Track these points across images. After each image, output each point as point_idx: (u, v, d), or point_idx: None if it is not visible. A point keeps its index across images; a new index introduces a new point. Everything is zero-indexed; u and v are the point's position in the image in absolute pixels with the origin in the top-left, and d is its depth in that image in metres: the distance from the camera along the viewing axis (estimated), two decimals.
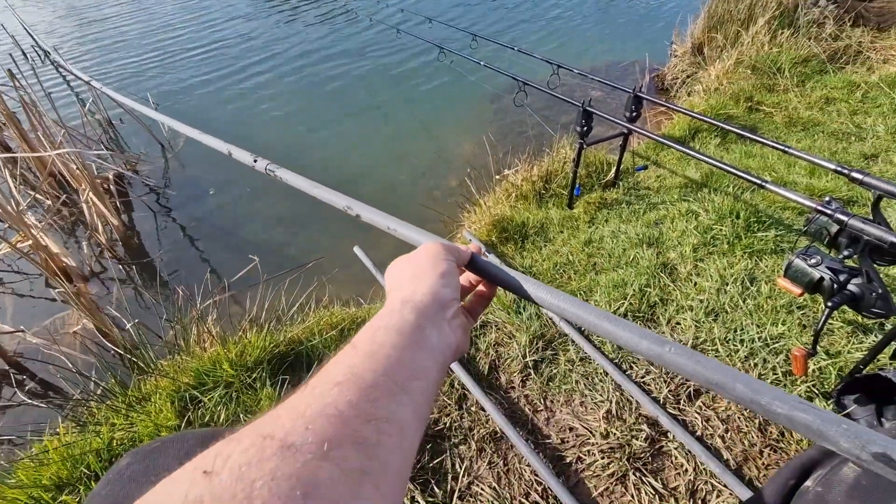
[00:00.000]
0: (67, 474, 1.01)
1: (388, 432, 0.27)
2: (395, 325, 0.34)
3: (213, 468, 0.22)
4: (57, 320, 2.02)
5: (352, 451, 0.25)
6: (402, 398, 0.30)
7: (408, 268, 0.43)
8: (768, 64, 2.96)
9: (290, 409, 0.26)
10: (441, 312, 0.38)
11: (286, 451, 0.23)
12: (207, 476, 0.22)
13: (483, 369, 1.31)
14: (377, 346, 0.32)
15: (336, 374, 0.29)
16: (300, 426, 0.25)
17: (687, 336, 1.32)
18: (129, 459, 0.45)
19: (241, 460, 0.22)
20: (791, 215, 1.79)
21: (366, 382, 0.29)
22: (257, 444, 0.23)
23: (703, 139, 2.42)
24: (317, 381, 0.29)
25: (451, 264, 0.43)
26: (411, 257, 0.44)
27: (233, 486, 0.21)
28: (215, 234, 2.48)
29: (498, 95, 3.48)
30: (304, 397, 0.27)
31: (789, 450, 1.07)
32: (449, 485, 1.06)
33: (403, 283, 0.41)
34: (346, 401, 0.27)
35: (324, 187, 0.76)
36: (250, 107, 3.71)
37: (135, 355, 1.38)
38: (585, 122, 1.68)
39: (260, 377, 1.26)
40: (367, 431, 0.26)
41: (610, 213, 1.92)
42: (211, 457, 0.23)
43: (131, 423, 1.14)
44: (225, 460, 0.22)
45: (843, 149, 2.28)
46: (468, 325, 0.45)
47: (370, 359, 0.31)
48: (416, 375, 0.32)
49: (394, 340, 0.33)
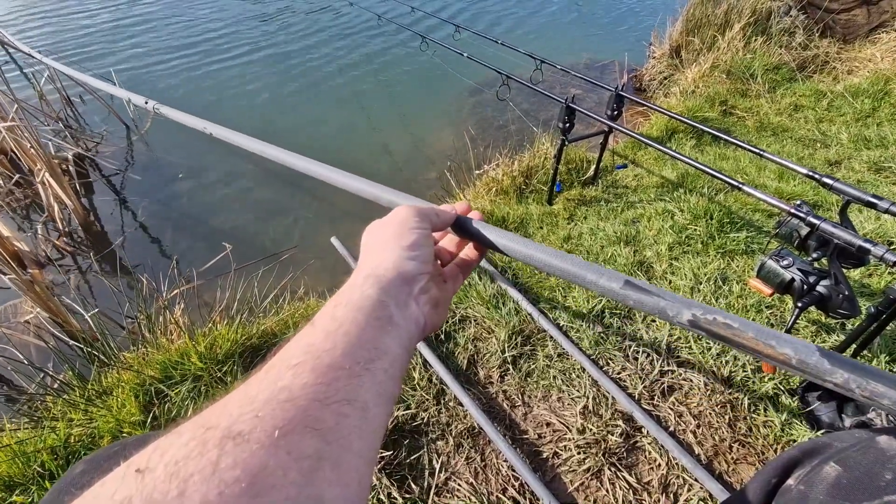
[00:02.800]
0: (19, 473, 0.95)
1: (347, 414, 0.26)
2: (356, 301, 0.32)
3: (148, 465, 0.20)
4: (8, 308, 1.89)
5: (306, 436, 0.23)
6: (364, 379, 0.28)
7: (377, 235, 0.40)
8: (742, 69, 3.05)
9: (240, 396, 0.25)
10: (405, 287, 0.36)
11: (230, 442, 0.21)
12: (140, 474, 0.20)
13: (462, 364, 1.30)
14: (336, 325, 0.30)
15: (292, 356, 0.27)
16: (248, 414, 0.23)
17: (662, 333, 1.34)
18: (85, 466, 0.41)
19: (178, 455, 0.21)
20: (762, 217, 1.85)
21: (323, 363, 0.27)
22: (198, 436, 0.22)
23: (680, 140, 2.47)
24: (273, 363, 0.27)
25: (422, 233, 0.39)
26: (382, 224, 0.41)
27: (166, 483, 0.19)
28: (183, 221, 2.38)
29: (477, 89, 3.46)
30: (257, 382, 0.26)
31: (756, 444, 1.10)
32: (426, 480, 1.04)
33: (369, 252, 0.38)
34: (301, 384, 0.25)
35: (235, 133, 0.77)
36: (219, 93, 3.56)
37: (94, 347, 1.30)
38: (568, 118, 1.68)
39: (231, 370, 1.21)
40: (323, 415, 0.24)
41: (589, 210, 1.93)
42: (147, 453, 0.21)
43: (91, 419, 1.08)
44: (161, 455, 0.21)
45: (809, 154, 2.37)
46: (443, 297, 0.41)
47: (328, 338, 0.29)
48: (378, 355, 0.30)
49: (354, 317, 0.31)
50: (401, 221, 0.40)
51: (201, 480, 0.19)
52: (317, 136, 3.11)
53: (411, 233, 0.39)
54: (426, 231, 0.40)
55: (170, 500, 0.19)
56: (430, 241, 0.40)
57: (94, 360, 1.26)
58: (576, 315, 1.41)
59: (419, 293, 0.37)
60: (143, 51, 4.13)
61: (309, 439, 0.23)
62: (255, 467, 0.21)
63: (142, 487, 0.19)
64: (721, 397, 1.19)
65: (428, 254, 0.39)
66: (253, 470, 0.20)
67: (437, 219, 0.43)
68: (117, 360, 1.27)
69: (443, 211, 0.45)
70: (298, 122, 3.27)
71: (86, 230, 2.27)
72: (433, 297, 0.39)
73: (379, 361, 0.30)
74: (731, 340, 0.37)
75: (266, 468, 0.21)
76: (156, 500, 0.19)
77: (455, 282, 0.46)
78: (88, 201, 2.47)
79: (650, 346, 1.31)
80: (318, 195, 2.51)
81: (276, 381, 0.25)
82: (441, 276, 0.44)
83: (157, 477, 0.20)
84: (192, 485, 0.19)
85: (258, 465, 0.21)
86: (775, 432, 1.11)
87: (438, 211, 0.44)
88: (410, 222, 0.40)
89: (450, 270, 0.47)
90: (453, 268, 0.48)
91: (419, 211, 0.41)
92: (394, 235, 0.38)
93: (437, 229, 0.45)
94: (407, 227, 0.39)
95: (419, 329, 0.37)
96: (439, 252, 0.49)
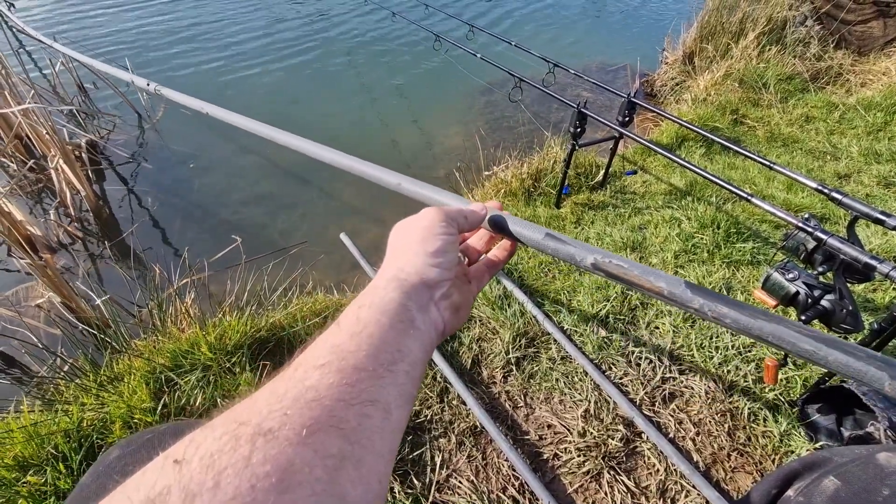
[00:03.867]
0: (33, 454, 0.97)
1: (370, 415, 0.27)
2: (379, 303, 0.33)
3: (184, 457, 0.22)
4: (20, 291, 1.92)
5: (331, 436, 0.24)
6: (386, 380, 0.29)
7: (403, 237, 0.40)
8: (755, 78, 3.04)
9: (268, 394, 0.26)
10: (427, 293, 0.37)
11: (261, 438, 0.22)
12: (177, 465, 0.21)
13: (466, 363, 1.31)
14: (361, 327, 0.31)
15: (318, 356, 0.28)
16: (277, 411, 0.24)
17: (665, 340, 1.35)
18: (120, 451, 0.43)
19: (212, 448, 0.22)
20: (768, 228, 1.85)
21: (348, 364, 0.28)
22: (231, 430, 0.23)
23: (690, 148, 2.47)
24: (299, 362, 0.29)
25: (447, 239, 0.39)
26: (408, 225, 0.40)
27: (202, 475, 0.21)
28: (193, 211, 2.40)
29: (488, 89, 3.46)
30: (285, 381, 0.27)
31: (755, 454, 1.12)
32: (428, 477, 1.06)
33: (395, 255, 0.39)
34: (327, 384, 0.26)
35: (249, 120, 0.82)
36: (228, 86, 3.58)
37: (106, 333, 1.32)
38: (579, 123, 1.69)
39: (239, 362, 1.23)
40: (348, 415, 0.26)
41: (596, 214, 1.94)
42: (183, 445, 0.22)
43: (102, 404, 1.10)
44: (196, 448, 0.22)
45: (818, 167, 2.37)
46: (465, 300, 0.41)
47: (353, 339, 0.30)
48: (400, 357, 0.31)
49: (378, 320, 0.32)
50: (427, 226, 0.39)
51: (234, 474, 0.21)
52: (326, 130, 3.12)
53: (437, 238, 0.38)
54: (452, 237, 0.40)
55: (205, 490, 0.20)
56: (456, 247, 0.40)
57: (105, 347, 1.28)
58: (580, 319, 1.42)
59: (440, 299, 0.38)
60: (154, 36, 4.15)
61: (334, 439, 0.24)
62: (283, 463, 0.22)
63: (180, 478, 0.20)
64: (721, 406, 1.20)
65: (452, 260, 0.39)
66: (282, 466, 0.22)
67: (465, 222, 0.43)
68: (128, 347, 1.29)
69: (472, 212, 0.44)
70: (308, 114, 3.28)
71: (97, 217, 2.30)
72: (454, 303, 0.40)
73: (401, 363, 0.31)
74: (622, 278, 0.45)
75: (294, 465, 0.22)
76: (193, 490, 0.20)
77: (480, 281, 0.46)
78: (100, 188, 2.50)
79: (653, 353, 1.32)
80: (326, 191, 2.52)
81: (303, 380, 0.26)
82: (466, 277, 0.45)
83: (194, 469, 0.21)
84: (226, 477, 0.20)
85: (287, 462, 0.22)
86: (774, 443, 1.13)
87: (468, 213, 0.44)
88: (437, 227, 0.39)
89: (476, 270, 0.47)
90: (480, 267, 0.48)
91: (447, 215, 0.41)
92: (419, 240, 0.38)
93: (466, 231, 0.45)
94: (433, 231, 0.39)
95: (438, 333, 0.37)
96: (467, 250, 0.49)
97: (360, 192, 2.46)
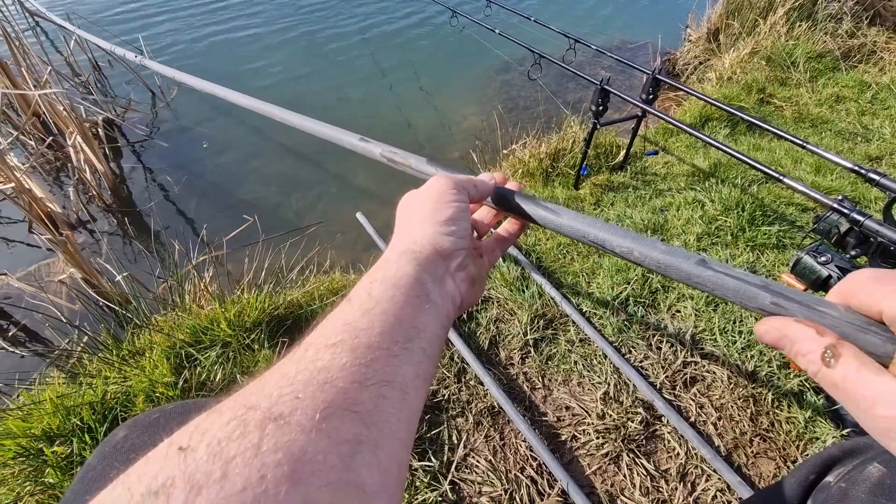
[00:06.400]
0: (59, 425, 0.99)
1: (386, 396, 0.25)
2: (392, 278, 0.31)
3: (190, 444, 0.20)
4: (41, 267, 1.95)
5: (346, 420, 0.23)
6: (402, 358, 0.27)
7: (413, 208, 0.38)
8: (783, 56, 2.92)
9: (279, 377, 0.24)
10: (442, 264, 0.35)
11: (271, 424, 0.21)
12: (182, 453, 0.20)
13: (483, 344, 1.30)
14: (374, 303, 0.29)
15: (330, 335, 0.27)
16: (288, 395, 0.23)
17: (687, 324, 1.33)
18: (126, 431, 0.42)
19: (220, 434, 0.20)
20: (795, 211, 1.79)
21: (361, 343, 0.26)
22: (239, 415, 0.21)
23: (713, 128, 2.39)
24: (310, 341, 0.27)
25: (459, 207, 0.37)
26: (417, 195, 0.39)
27: (208, 464, 0.19)
28: (208, 190, 2.41)
29: (504, 68, 3.38)
30: (295, 362, 0.25)
31: (778, 440, 1.10)
32: (446, 455, 1.06)
33: (405, 227, 0.37)
34: (339, 365, 0.25)
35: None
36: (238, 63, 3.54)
37: (127, 309, 1.34)
38: (602, 101, 1.64)
39: (258, 339, 1.24)
40: (363, 397, 0.24)
41: (616, 196, 1.90)
42: (188, 431, 0.21)
43: (125, 378, 1.12)
44: (203, 435, 0.20)
45: (848, 149, 2.28)
46: (479, 273, 0.40)
47: (366, 316, 0.28)
48: (416, 333, 0.29)
49: (392, 295, 0.30)
50: (437, 195, 0.37)
51: (244, 463, 0.19)
52: (338, 108, 3.08)
53: (448, 206, 0.37)
54: (463, 204, 0.38)
55: (212, 482, 0.18)
56: (468, 215, 0.39)
57: (127, 322, 1.30)
58: (599, 302, 1.40)
59: (456, 269, 0.36)
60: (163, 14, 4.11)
61: (348, 423, 0.23)
62: (296, 451, 0.20)
63: (185, 467, 0.19)
64: (744, 391, 1.18)
65: (465, 228, 0.37)
66: (294, 454, 0.20)
67: (475, 190, 0.41)
68: (149, 323, 1.31)
69: (481, 181, 0.43)
70: (320, 92, 3.25)
71: (115, 194, 2.32)
72: (470, 274, 0.38)
73: (417, 341, 0.29)
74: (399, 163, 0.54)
75: (307, 452, 0.20)
76: (199, 481, 0.18)
77: (491, 256, 0.45)
78: (117, 166, 2.51)
79: (674, 337, 1.30)
80: (341, 172, 2.51)
81: (314, 360, 0.25)
82: (477, 251, 0.43)
83: (200, 457, 0.19)
84: (235, 467, 0.19)
85: (299, 449, 0.20)
86: (798, 429, 1.11)
87: (476, 182, 0.42)
88: (447, 195, 0.37)
89: (486, 244, 0.45)
90: (490, 241, 0.46)
91: (456, 182, 0.39)
92: (430, 210, 0.37)
93: (475, 201, 0.43)
94: (444, 200, 0.37)
95: (455, 307, 0.36)
96: (475, 224, 0.47)
97: (374, 174, 2.44)
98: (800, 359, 0.29)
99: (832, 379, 0.27)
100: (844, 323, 0.28)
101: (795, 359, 0.29)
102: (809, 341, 0.28)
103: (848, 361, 0.26)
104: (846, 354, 0.26)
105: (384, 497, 0.23)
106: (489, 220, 0.48)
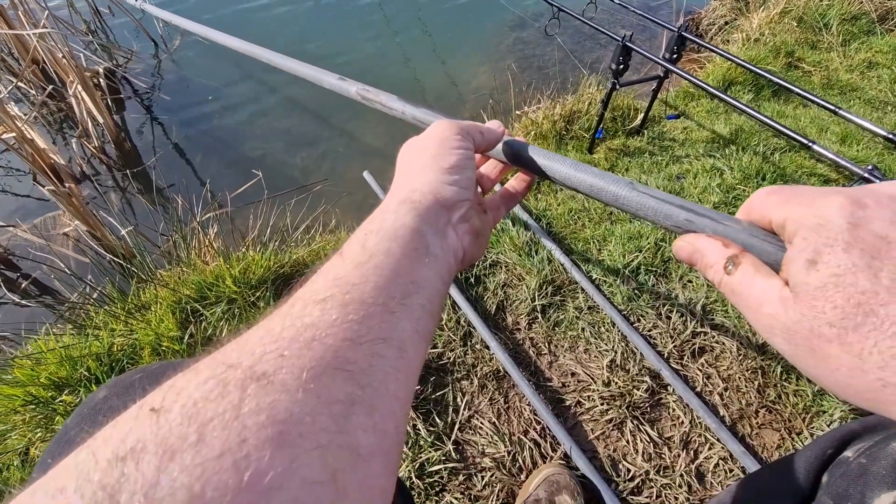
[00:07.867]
0: (66, 375, 1.00)
1: (382, 354, 0.23)
2: (389, 229, 0.29)
3: (163, 405, 0.18)
4: (48, 220, 1.94)
5: (337, 379, 0.21)
6: (400, 315, 0.25)
7: (414, 154, 0.35)
8: (816, 17, 2.75)
9: (263, 332, 0.22)
10: (444, 214, 0.32)
11: (253, 383, 0.19)
12: (154, 414, 0.18)
13: (490, 309, 1.29)
14: (368, 256, 0.27)
15: (319, 290, 0.25)
16: (273, 352, 0.21)
17: (698, 295, 1.30)
18: (106, 392, 0.39)
19: (196, 395, 0.18)
20: (817, 182, 1.73)
21: (353, 298, 0.24)
22: (218, 374, 0.19)
23: (737, 93, 2.28)
24: (298, 296, 0.25)
25: (464, 153, 0.35)
26: (419, 141, 0.36)
27: (182, 427, 0.17)
28: (213, 145, 2.36)
29: (518, 25, 3.22)
30: (281, 318, 0.23)
31: (784, 412, 1.09)
32: (450, 416, 1.07)
33: (405, 174, 0.34)
34: (329, 321, 0.23)
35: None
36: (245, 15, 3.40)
37: (132, 263, 1.33)
38: (623, 59, 1.55)
39: (263, 296, 1.23)
40: (355, 355, 0.22)
41: (631, 161, 1.84)
42: (162, 392, 0.19)
43: (131, 331, 1.12)
44: (177, 395, 0.18)
45: (878, 118, 2.18)
46: (484, 227, 0.37)
47: (359, 270, 0.26)
48: (415, 289, 0.27)
49: (388, 248, 0.28)
50: (441, 140, 0.35)
51: (222, 426, 0.17)
52: (343, 65, 2.97)
53: (452, 153, 0.34)
54: (469, 151, 0.35)
55: (187, 446, 0.17)
56: (473, 163, 0.36)
57: (132, 276, 1.29)
58: (609, 270, 1.38)
59: (459, 221, 0.33)
60: None
61: (340, 382, 0.21)
62: (281, 413, 0.18)
63: (156, 430, 0.17)
64: (752, 363, 1.17)
65: (470, 177, 0.35)
66: (279, 415, 0.18)
67: (481, 137, 0.38)
68: (154, 277, 1.30)
69: (488, 129, 0.39)
70: (325, 48, 3.12)
71: (118, 148, 2.27)
72: (473, 227, 0.35)
73: (416, 296, 0.27)
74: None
75: (293, 414, 0.19)
76: (172, 445, 0.17)
77: (496, 213, 0.42)
78: (120, 118, 2.45)
79: (684, 307, 1.28)
80: (348, 129, 2.44)
81: (301, 316, 0.23)
82: (482, 206, 0.40)
83: (173, 419, 0.17)
84: (212, 430, 0.17)
85: (284, 411, 0.19)
86: (806, 402, 1.10)
87: (483, 129, 0.39)
88: (452, 140, 0.35)
89: (491, 201, 0.43)
90: (495, 198, 0.43)
91: (462, 128, 0.36)
92: (432, 156, 0.34)
93: (482, 150, 0.40)
94: (448, 145, 0.34)
95: (457, 261, 0.33)
96: (480, 179, 0.44)
97: (383, 132, 2.37)
98: (707, 271, 0.30)
99: (730, 285, 0.28)
100: (746, 235, 0.30)
101: (704, 272, 0.30)
102: (715, 253, 0.30)
103: (745, 269, 0.27)
104: (745, 262, 0.28)
105: (380, 458, 0.21)
106: (494, 176, 0.45)
